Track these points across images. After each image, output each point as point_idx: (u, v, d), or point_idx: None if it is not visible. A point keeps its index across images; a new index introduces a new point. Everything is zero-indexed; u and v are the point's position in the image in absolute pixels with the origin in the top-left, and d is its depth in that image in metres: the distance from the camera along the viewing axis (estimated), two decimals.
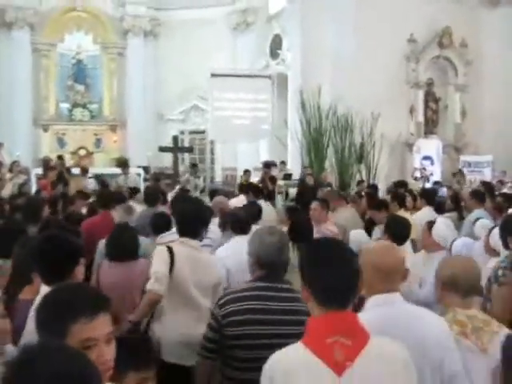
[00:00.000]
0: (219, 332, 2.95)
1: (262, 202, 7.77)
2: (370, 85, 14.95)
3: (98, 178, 13.02)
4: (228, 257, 4.49)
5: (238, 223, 4.93)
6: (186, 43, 20.53)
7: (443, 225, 4.96)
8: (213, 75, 17.04)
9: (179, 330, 3.82)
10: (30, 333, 2.24)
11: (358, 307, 2.66)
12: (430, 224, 4.96)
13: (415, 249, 5.44)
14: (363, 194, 9.48)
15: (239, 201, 8.08)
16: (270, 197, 11.12)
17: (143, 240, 5.07)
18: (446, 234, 4.82)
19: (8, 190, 12.24)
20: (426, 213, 7.17)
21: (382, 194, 10.94)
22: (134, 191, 9.15)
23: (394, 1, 15.44)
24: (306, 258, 2.21)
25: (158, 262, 3.90)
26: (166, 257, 3.89)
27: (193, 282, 3.92)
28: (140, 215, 6.59)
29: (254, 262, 3.12)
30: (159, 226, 5.45)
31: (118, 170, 13.98)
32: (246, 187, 9.22)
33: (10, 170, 14.18)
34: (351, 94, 14.55)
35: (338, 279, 2.08)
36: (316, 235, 6.51)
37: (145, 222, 5.85)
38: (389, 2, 15.35)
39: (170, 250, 3.94)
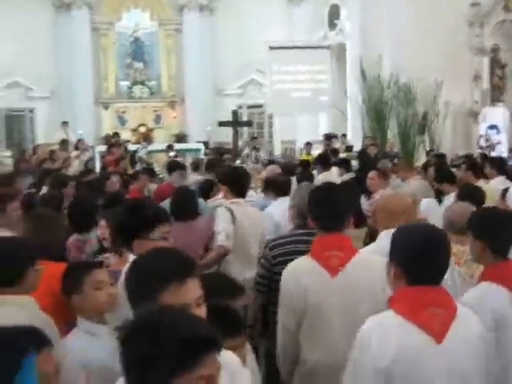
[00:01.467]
0: (270, 270, 3.57)
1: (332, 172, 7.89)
2: (431, 52, 14.53)
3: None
4: (277, 214, 5.17)
5: (282, 187, 5.72)
6: (242, 17, 20.37)
7: None
8: (271, 48, 16.88)
9: (236, 275, 4.14)
10: (123, 303, 2.28)
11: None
12: (504, 192, 4.84)
13: None
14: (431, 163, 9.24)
15: (332, 173, 8.47)
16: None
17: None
18: None
19: (75, 167, 12.58)
20: (500, 182, 6.97)
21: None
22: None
23: None
24: (312, 198, 3.16)
25: (224, 221, 4.51)
26: (228, 216, 4.50)
27: (250, 234, 4.57)
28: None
29: (294, 213, 3.70)
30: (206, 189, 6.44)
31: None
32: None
33: (76, 148, 14.57)
34: (412, 63, 14.18)
35: (330, 211, 3.01)
36: (369, 205, 6.53)
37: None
38: None
39: (230, 210, 4.53)
